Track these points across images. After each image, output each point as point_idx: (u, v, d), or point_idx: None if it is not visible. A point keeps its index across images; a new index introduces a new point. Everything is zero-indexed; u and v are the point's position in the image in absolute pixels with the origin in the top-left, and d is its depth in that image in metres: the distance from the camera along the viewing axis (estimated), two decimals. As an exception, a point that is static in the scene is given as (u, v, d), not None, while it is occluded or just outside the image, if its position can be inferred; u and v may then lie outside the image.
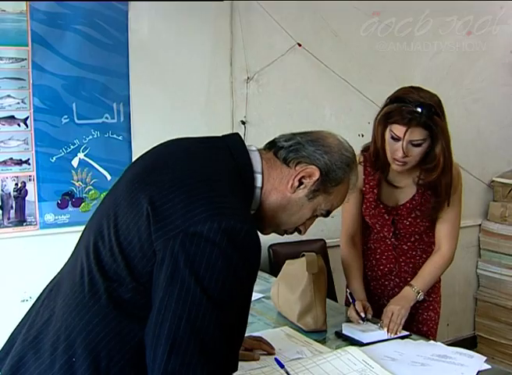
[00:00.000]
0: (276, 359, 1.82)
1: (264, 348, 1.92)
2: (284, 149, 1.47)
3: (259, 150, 1.50)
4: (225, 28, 3.12)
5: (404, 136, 2.11)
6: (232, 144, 1.47)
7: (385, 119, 2.18)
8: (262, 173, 1.45)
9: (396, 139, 2.15)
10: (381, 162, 2.29)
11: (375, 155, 2.29)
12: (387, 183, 2.36)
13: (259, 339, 1.97)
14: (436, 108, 2.11)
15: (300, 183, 1.45)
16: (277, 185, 1.46)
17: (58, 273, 1.51)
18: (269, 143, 1.53)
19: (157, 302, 1.26)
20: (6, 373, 1.37)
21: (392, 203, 2.36)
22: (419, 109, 2.08)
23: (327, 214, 1.54)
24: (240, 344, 1.39)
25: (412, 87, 2.19)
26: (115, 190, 1.46)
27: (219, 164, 1.42)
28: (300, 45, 3.28)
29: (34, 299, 1.52)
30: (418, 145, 2.14)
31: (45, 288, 1.51)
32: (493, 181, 4.19)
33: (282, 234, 1.57)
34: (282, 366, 1.77)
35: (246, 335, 1.99)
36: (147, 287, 1.28)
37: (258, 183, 1.44)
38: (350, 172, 1.50)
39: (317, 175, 1.45)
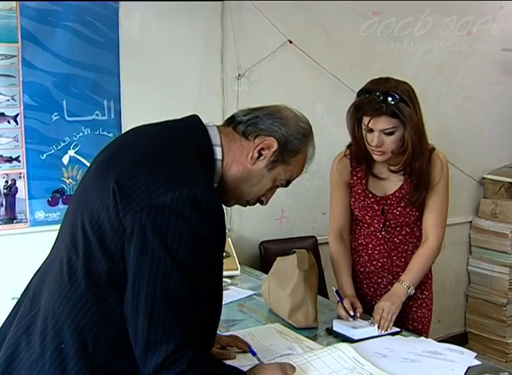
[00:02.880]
0: (249, 347, 1.85)
1: (239, 345, 1.91)
2: (243, 123, 1.55)
3: (217, 126, 1.56)
4: (216, 25, 3.11)
5: (374, 126, 2.18)
6: (190, 123, 1.55)
7: (355, 112, 2.25)
8: (222, 146, 1.52)
9: (369, 130, 2.21)
10: (364, 155, 2.33)
11: (357, 148, 2.35)
12: (373, 175, 2.39)
13: (234, 337, 1.96)
14: (402, 96, 2.16)
15: (260, 154, 1.53)
16: (238, 157, 1.53)
17: (41, 267, 1.57)
18: (228, 118, 1.61)
19: (131, 275, 1.33)
20: (1, 365, 1.42)
21: (381, 193, 2.38)
22: (384, 99, 2.14)
23: (287, 184, 1.63)
24: (218, 318, 1.50)
25: (381, 78, 2.25)
26: (84, 180, 1.55)
27: (178, 141, 1.50)
28: (291, 42, 3.28)
29: (24, 296, 1.55)
30: (391, 134, 2.19)
31: (29, 283, 1.57)
32: (484, 178, 4.21)
33: (245, 206, 1.64)
34: (254, 354, 1.80)
35: (228, 334, 2.01)
36: (121, 267, 1.35)
37: (218, 156, 1.51)
38: (306, 142, 1.59)
39: (275, 146, 1.53)
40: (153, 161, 1.42)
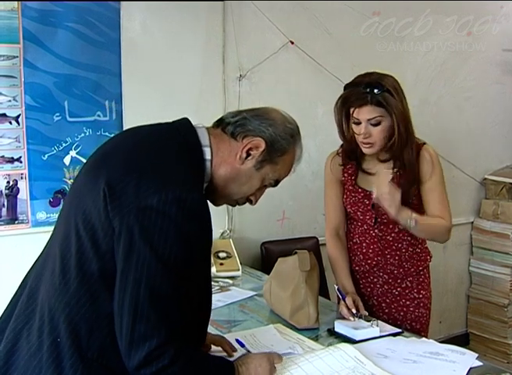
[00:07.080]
0: (237, 340, 1.89)
1: (225, 347, 1.88)
2: (231, 124, 1.58)
3: (207, 127, 1.60)
4: (217, 26, 3.12)
5: (360, 115, 2.23)
6: (180, 125, 1.58)
7: (342, 105, 2.31)
8: (211, 147, 1.55)
9: (356, 123, 2.27)
10: (353, 150, 2.38)
11: (346, 143, 2.40)
12: (363, 171, 2.42)
13: (221, 337, 1.95)
14: (387, 86, 2.21)
15: (248, 154, 1.57)
16: (226, 158, 1.56)
17: (36, 264, 1.62)
18: (217, 120, 1.64)
19: (119, 274, 1.37)
20: (1, 358, 1.47)
21: (370, 187, 2.38)
22: (370, 90, 2.20)
23: (275, 184, 1.66)
24: (208, 316, 1.54)
25: (366, 73, 2.32)
26: (77, 180, 1.59)
27: (168, 142, 1.53)
28: (292, 43, 3.28)
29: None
30: (377, 124, 2.24)
31: (25, 279, 1.62)
32: (485, 179, 4.20)
33: (234, 205, 1.68)
34: (242, 345, 1.84)
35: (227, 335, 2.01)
36: (111, 266, 1.39)
37: (207, 156, 1.55)
38: (294, 142, 1.62)
39: (263, 146, 1.57)
40: (142, 164, 1.46)
